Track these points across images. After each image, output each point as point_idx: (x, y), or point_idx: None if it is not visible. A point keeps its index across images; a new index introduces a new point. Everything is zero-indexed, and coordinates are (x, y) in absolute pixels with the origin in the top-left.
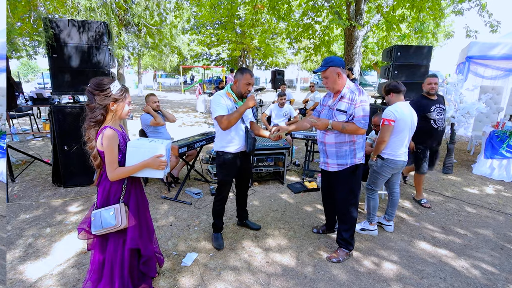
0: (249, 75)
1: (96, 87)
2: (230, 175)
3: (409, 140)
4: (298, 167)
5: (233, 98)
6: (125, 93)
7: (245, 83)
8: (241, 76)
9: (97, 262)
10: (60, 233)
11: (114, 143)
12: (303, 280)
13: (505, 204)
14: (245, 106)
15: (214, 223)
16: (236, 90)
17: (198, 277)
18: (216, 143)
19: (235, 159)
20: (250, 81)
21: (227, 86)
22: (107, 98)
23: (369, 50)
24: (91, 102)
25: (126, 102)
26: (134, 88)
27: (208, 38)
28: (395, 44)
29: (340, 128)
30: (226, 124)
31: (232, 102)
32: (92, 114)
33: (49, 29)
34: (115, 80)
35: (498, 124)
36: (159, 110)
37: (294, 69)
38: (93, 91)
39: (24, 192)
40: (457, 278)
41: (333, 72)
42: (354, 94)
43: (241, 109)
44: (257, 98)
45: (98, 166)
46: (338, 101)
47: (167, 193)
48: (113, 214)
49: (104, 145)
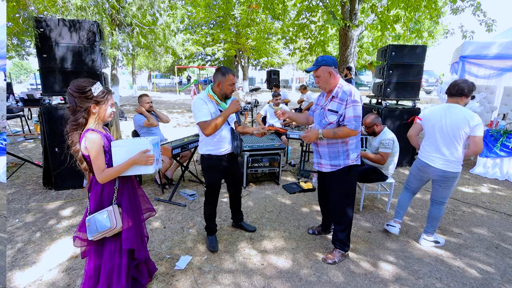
0: (232, 75)
1: (76, 89)
2: (218, 178)
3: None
4: (293, 167)
5: (216, 101)
6: (107, 95)
7: (229, 84)
8: (223, 77)
9: (92, 269)
10: (50, 238)
11: (98, 146)
12: (298, 282)
13: (500, 203)
14: (228, 111)
15: (207, 226)
16: (220, 92)
17: (193, 280)
18: (201, 146)
19: (221, 162)
20: (234, 81)
21: (207, 88)
22: (88, 100)
23: (364, 50)
24: (72, 104)
25: (108, 104)
26: (129, 89)
27: (203, 38)
28: (389, 44)
29: (332, 135)
30: (210, 131)
31: (214, 105)
32: (74, 117)
33: (34, 29)
34: (96, 82)
35: (492, 123)
36: (152, 111)
37: (289, 69)
38: (74, 94)
39: (14, 195)
40: (453, 278)
41: (325, 72)
42: (345, 94)
43: (224, 114)
44: (253, 98)
45: (85, 169)
46: (330, 101)
47: (160, 195)
48: (107, 217)
49: (88, 149)
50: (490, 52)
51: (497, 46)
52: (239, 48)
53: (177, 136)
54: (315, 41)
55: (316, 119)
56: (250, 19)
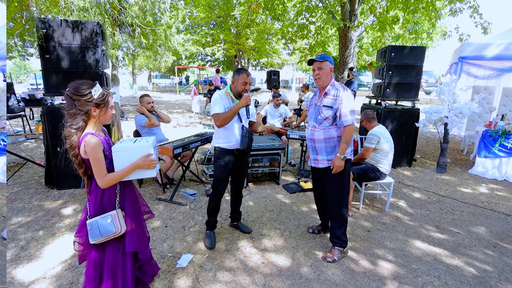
0: (245, 75)
1: (75, 92)
2: (225, 172)
3: None
4: (293, 167)
5: (231, 97)
6: (107, 97)
7: (242, 82)
8: (238, 76)
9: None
10: (53, 236)
11: (98, 151)
12: (298, 280)
13: (498, 203)
14: (238, 105)
15: (208, 221)
16: (234, 89)
17: (194, 278)
18: (214, 139)
19: (229, 156)
20: (247, 80)
21: (226, 87)
22: (88, 103)
23: (364, 51)
24: (71, 107)
25: (108, 106)
26: (129, 89)
27: (203, 38)
28: (389, 45)
29: (345, 146)
30: (220, 121)
31: (229, 101)
32: (73, 121)
33: (39, 29)
34: (96, 84)
35: (491, 124)
36: (153, 111)
37: (289, 69)
38: (73, 96)
39: (17, 195)
40: (451, 276)
41: (328, 67)
42: (338, 90)
43: (234, 108)
44: (253, 99)
45: (84, 173)
46: (324, 98)
47: (162, 194)
48: (111, 222)
49: (88, 154)
50: (489, 53)
51: (496, 47)
52: (239, 48)
53: (177, 136)
54: (315, 41)
55: (311, 117)
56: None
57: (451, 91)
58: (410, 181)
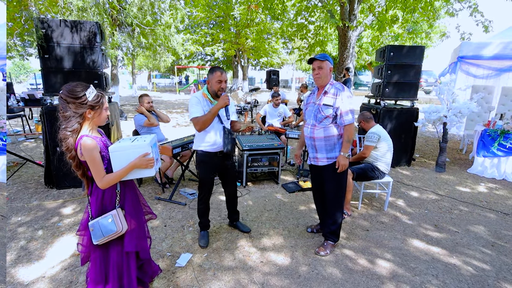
0: (219, 73)
1: (69, 94)
2: (209, 173)
3: None
4: (292, 167)
5: (209, 99)
6: (102, 99)
7: (216, 81)
8: (211, 75)
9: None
10: (52, 236)
11: (95, 153)
12: (297, 279)
13: (497, 202)
14: (216, 106)
15: (200, 222)
16: (211, 90)
17: (193, 277)
18: (195, 142)
19: (213, 159)
20: (221, 78)
21: (203, 88)
22: (83, 106)
23: (363, 50)
24: (65, 110)
25: (103, 108)
26: (128, 89)
27: (203, 38)
28: (388, 44)
29: (347, 145)
30: (200, 125)
31: (208, 103)
32: (68, 124)
33: (39, 29)
34: (90, 86)
35: (490, 123)
36: (152, 111)
37: (289, 69)
38: (67, 99)
39: (16, 194)
40: (449, 275)
41: (327, 66)
42: (338, 89)
43: (212, 110)
44: (252, 98)
45: (82, 175)
46: (323, 96)
47: (161, 194)
48: (112, 221)
49: (85, 156)
50: (488, 53)
51: (495, 46)
52: (238, 48)
53: (176, 135)
54: (314, 41)
55: (310, 115)
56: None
57: (450, 90)
58: (409, 181)
